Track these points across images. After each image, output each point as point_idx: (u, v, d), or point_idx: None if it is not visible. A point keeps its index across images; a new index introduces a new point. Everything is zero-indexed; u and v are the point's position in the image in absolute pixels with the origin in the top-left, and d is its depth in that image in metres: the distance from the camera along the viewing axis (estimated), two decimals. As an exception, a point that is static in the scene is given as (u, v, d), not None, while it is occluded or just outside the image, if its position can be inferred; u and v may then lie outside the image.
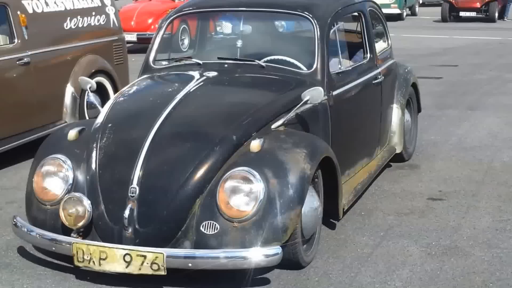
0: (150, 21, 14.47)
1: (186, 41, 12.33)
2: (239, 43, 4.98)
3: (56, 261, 3.95)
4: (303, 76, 4.55)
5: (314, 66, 4.54)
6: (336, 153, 4.15)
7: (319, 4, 4.92)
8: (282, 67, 4.64)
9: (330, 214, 4.29)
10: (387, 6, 20.32)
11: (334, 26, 4.82)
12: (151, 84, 4.76)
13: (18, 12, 6.08)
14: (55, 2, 6.58)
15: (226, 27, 5.61)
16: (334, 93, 4.59)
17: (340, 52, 4.85)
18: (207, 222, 3.60)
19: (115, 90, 7.07)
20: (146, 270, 3.52)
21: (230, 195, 3.61)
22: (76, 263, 3.62)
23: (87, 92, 6.63)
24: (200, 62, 4.77)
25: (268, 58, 4.71)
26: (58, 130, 4.49)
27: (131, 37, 13.36)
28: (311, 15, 4.67)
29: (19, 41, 6.05)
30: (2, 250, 4.21)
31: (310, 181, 3.78)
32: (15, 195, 5.22)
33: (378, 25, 5.91)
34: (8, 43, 6.04)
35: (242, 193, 3.61)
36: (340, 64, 4.82)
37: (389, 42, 6.04)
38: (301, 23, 5.07)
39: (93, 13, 7.02)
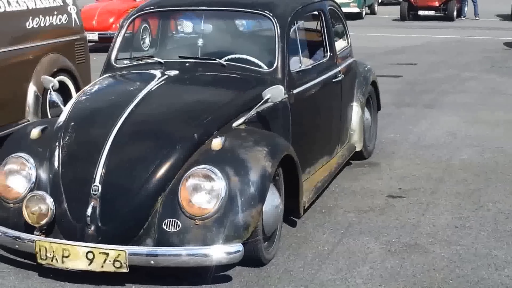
0: (111, 20, 14.41)
1: (147, 40, 12.30)
2: (200, 42, 5.02)
3: (19, 259, 3.95)
4: (263, 75, 4.61)
5: (275, 65, 4.61)
6: (296, 151, 4.23)
7: (279, 3, 4.99)
8: (243, 65, 4.70)
9: (291, 212, 4.36)
10: (347, 5, 20.55)
11: (294, 24, 4.89)
12: (113, 83, 4.78)
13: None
14: (17, 1, 6.52)
15: (187, 26, 5.64)
16: (295, 91, 4.66)
17: (300, 50, 4.93)
18: (169, 219, 3.65)
19: (77, 89, 7.04)
20: (109, 268, 3.55)
21: (191, 193, 3.66)
22: (39, 260, 3.64)
23: (49, 91, 6.65)
24: (162, 61, 4.80)
25: (229, 57, 4.76)
26: (21, 128, 4.48)
27: (92, 36, 13.29)
28: (271, 14, 4.74)
29: (-19, 40, 6.00)
30: (-37, 249, 4.19)
31: (271, 179, 3.85)
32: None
33: (338, 24, 6.01)
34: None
35: (204, 191, 3.67)
36: (300, 62, 4.90)
37: (349, 40, 6.15)
38: (261, 22, 5.14)
39: (55, 13, 6.99)
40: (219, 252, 3.56)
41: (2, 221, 3.89)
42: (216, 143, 3.83)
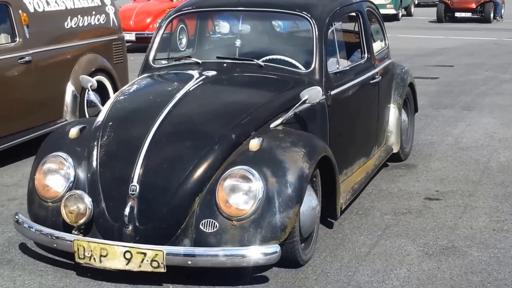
0: (148, 20, 14.51)
1: (184, 41, 12.39)
2: (238, 42, 5.01)
3: (57, 258, 3.99)
4: (301, 76, 4.59)
5: (312, 66, 4.59)
6: (334, 153, 4.20)
7: (317, 4, 4.96)
8: (280, 66, 4.69)
9: (328, 213, 4.34)
10: (383, 6, 20.39)
11: (332, 26, 4.86)
12: (151, 83, 4.80)
13: (20, 11, 6.11)
14: (56, 2, 6.61)
15: (224, 26, 5.65)
16: (332, 92, 4.63)
17: (338, 51, 4.90)
18: (206, 220, 3.65)
19: (115, 88, 7.11)
20: (146, 267, 3.57)
21: (229, 194, 3.66)
22: (77, 259, 3.66)
23: (87, 90, 6.72)
24: (199, 61, 4.81)
25: (267, 57, 4.76)
26: (60, 128, 4.52)
27: (129, 36, 13.41)
28: (309, 15, 4.72)
29: (21, 40, 6.09)
30: (4, 246, 4.25)
31: (309, 180, 3.83)
32: (16, 192, 5.27)
33: (376, 25, 5.96)
34: (9, 41, 6.07)
35: (241, 192, 3.66)
36: (338, 63, 4.87)
37: (387, 42, 6.09)
38: (299, 23, 5.13)
39: (93, 13, 7.06)
40: (256, 253, 3.55)
41: (41, 220, 3.94)
42: (254, 144, 3.82)
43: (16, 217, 4.00)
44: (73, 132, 4.15)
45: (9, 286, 3.73)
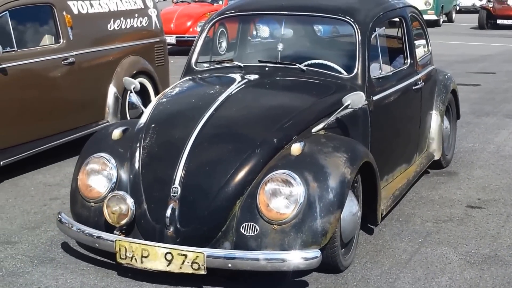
0: (189, 23, 14.62)
1: (224, 44, 12.45)
2: (280, 46, 4.99)
3: (98, 258, 4.04)
4: (343, 81, 4.57)
5: (355, 71, 4.56)
6: (375, 158, 4.16)
7: (360, 8, 4.93)
8: (322, 71, 4.67)
9: (368, 219, 4.31)
10: (424, 12, 20.17)
11: (375, 31, 4.83)
12: (193, 86, 4.82)
13: (64, 13, 6.21)
14: (99, 4, 6.70)
15: (267, 30, 5.66)
16: (374, 98, 4.60)
17: (380, 57, 4.87)
18: (247, 223, 3.65)
19: (156, 91, 7.18)
20: (187, 269, 3.58)
21: (270, 198, 3.65)
22: (118, 260, 3.70)
23: (129, 92, 6.80)
24: (241, 64, 4.82)
25: (309, 62, 4.74)
26: (103, 129, 4.57)
27: (170, 39, 13.51)
28: (352, 20, 4.69)
29: (65, 41, 6.18)
30: (47, 245, 4.32)
31: (350, 186, 3.80)
32: (59, 192, 5.35)
33: (419, 30, 5.90)
34: (53, 43, 6.17)
35: (282, 196, 3.65)
36: (380, 69, 4.83)
37: (430, 48, 6.03)
38: (342, 28, 5.11)
39: (136, 15, 7.14)
40: (296, 257, 3.53)
41: (83, 220, 3.98)
42: (296, 148, 3.81)
43: (59, 216, 4.06)
44: (116, 133, 4.19)
45: (51, 285, 3.79)
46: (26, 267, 4.00)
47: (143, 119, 4.25)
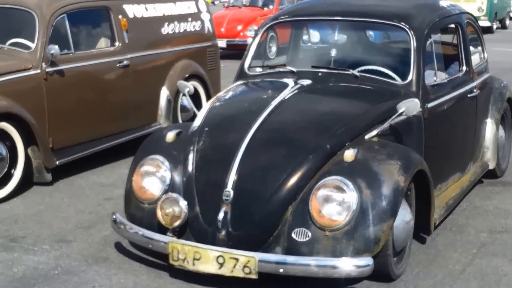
0: (239, 28, 14.69)
1: (274, 49, 12.47)
2: (333, 52, 4.99)
3: (151, 258, 4.09)
4: (397, 87, 4.52)
5: (409, 78, 4.51)
6: (428, 166, 4.10)
7: (416, 14, 4.87)
8: (376, 77, 4.64)
9: (420, 228, 4.25)
10: (477, 18, 19.75)
11: (430, 37, 4.77)
12: (246, 90, 4.85)
13: (120, 16, 6.32)
14: (154, 8, 6.80)
15: (320, 35, 5.65)
16: (429, 105, 4.54)
17: (435, 64, 4.80)
18: (298, 229, 3.64)
19: (207, 95, 7.24)
20: (238, 273, 3.60)
21: (322, 204, 3.64)
22: (170, 261, 3.74)
23: (181, 95, 6.88)
24: (294, 70, 4.82)
25: (362, 68, 4.72)
26: (157, 131, 4.63)
27: (221, 43, 13.51)
28: (407, 26, 4.64)
29: (120, 45, 6.30)
30: (101, 244, 4.40)
31: (404, 194, 3.76)
32: (112, 192, 5.44)
33: (474, 37, 5.80)
34: (109, 46, 6.29)
35: (335, 202, 3.63)
36: (435, 76, 4.77)
37: (485, 55, 5.92)
38: (397, 34, 5.05)
39: (189, 19, 7.21)
40: (348, 264, 3.51)
41: (137, 220, 4.04)
42: (349, 154, 3.79)
43: (114, 216, 4.12)
44: (170, 136, 4.24)
45: (105, 284, 3.85)
46: (81, 266, 4.08)
47: (196, 123, 4.29)
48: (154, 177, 4.06)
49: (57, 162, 5.60)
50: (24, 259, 4.16)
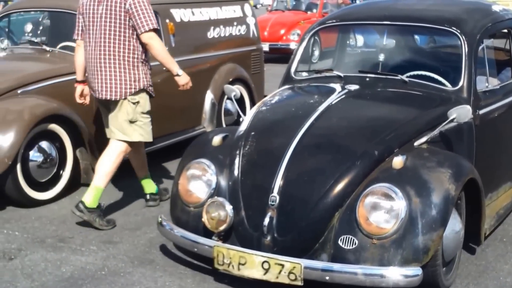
0: (282, 31, 14.70)
1: (317, 53, 12.40)
2: (381, 57, 4.92)
3: (195, 262, 4.09)
4: (448, 93, 4.44)
5: (460, 84, 4.42)
6: (479, 175, 4.01)
7: (467, 19, 4.78)
8: (426, 83, 4.55)
9: (470, 238, 4.16)
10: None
11: (482, 42, 4.66)
12: (293, 95, 4.82)
13: (167, 21, 6.37)
14: (200, 12, 6.83)
15: (367, 40, 5.59)
16: (480, 112, 4.44)
17: (487, 69, 4.69)
18: (345, 236, 3.60)
19: (251, 98, 7.24)
20: (283, 279, 3.57)
21: (370, 211, 3.58)
22: (215, 265, 3.73)
23: (225, 99, 6.90)
24: (341, 74, 4.77)
25: (411, 73, 4.63)
26: (203, 135, 4.64)
27: (263, 47, 13.60)
28: (459, 31, 4.55)
29: (167, 48, 6.31)
30: (146, 247, 4.42)
31: (454, 203, 3.68)
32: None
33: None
34: (155, 50, 6.33)
35: (383, 210, 3.57)
36: (487, 82, 4.66)
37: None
38: (448, 39, 4.97)
39: (235, 23, 7.23)
40: (396, 274, 3.45)
41: (182, 224, 4.04)
42: (397, 161, 3.73)
43: (160, 219, 4.14)
44: (216, 140, 4.24)
45: (151, 286, 3.87)
46: (127, 267, 4.11)
47: (243, 127, 4.28)
48: (200, 181, 4.06)
49: (104, 165, 5.65)
50: (72, 259, 4.21)
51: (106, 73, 4.66)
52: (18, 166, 5.07)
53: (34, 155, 5.22)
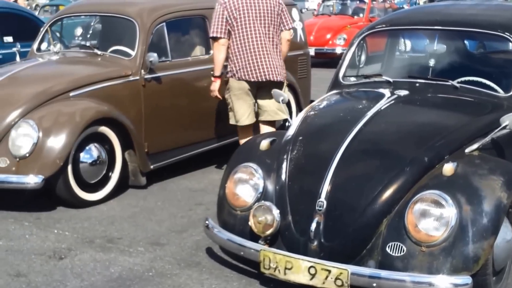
0: (328, 36, 14.65)
1: (363, 57, 12.30)
2: (431, 62, 4.85)
3: (241, 265, 4.10)
4: (500, 100, 4.36)
5: (513, 90, 4.34)
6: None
7: (521, 24, 4.69)
8: (477, 89, 4.49)
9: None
10: None
11: (536, 48, 4.57)
12: (341, 100, 4.80)
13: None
14: (248, 16, 6.84)
15: (417, 45, 5.53)
16: (534, 119, 4.34)
17: (540, 76, 4.59)
18: (393, 243, 3.56)
19: (298, 103, 7.21)
20: (330, 285, 3.55)
21: (419, 218, 3.54)
22: (262, 269, 3.73)
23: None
24: (391, 80, 4.74)
25: (462, 79, 4.57)
26: (251, 139, 4.66)
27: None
28: (512, 36, 4.47)
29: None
30: (193, 249, 4.45)
31: (506, 211, 3.61)
32: (203, 198, 5.51)
33: None
34: (204, 54, 6.40)
35: (432, 217, 3.53)
36: (540, 88, 4.56)
37: None
38: (500, 44, 4.88)
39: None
40: (446, 282, 3.40)
41: (229, 227, 4.05)
42: (448, 168, 3.67)
43: (207, 222, 4.16)
44: (264, 144, 4.25)
45: (197, 288, 3.90)
46: (174, 269, 4.14)
47: (290, 131, 4.28)
48: (247, 185, 4.07)
49: (152, 167, 5.75)
50: (120, 260, 4.27)
51: (272, 59, 5.57)
52: (69, 168, 5.17)
53: (85, 157, 5.32)
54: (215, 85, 5.76)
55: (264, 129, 5.71)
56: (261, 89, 5.65)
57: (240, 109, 5.67)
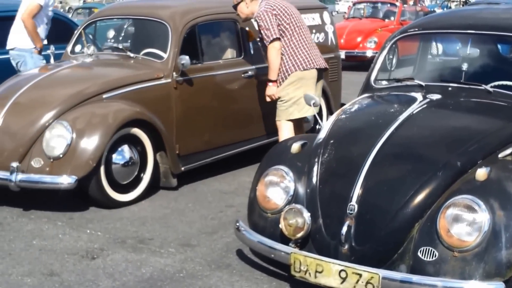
0: (359, 39, 14.60)
1: (394, 60, 12.23)
2: (464, 66, 4.81)
3: (271, 268, 4.11)
4: (534, 105, 4.31)
5: (547, 95, 4.29)
6: None
7: (557, 28, 4.64)
8: (510, 93, 4.44)
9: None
10: None
11: None
12: (373, 104, 4.79)
13: (247, 28, 6.44)
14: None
15: (449, 49, 5.49)
16: None
17: None
18: (425, 248, 3.54)
19: (328, 106, 7.21)
20: (360, 289, 3.55)
21: (451, 223, 3.52)
22: (292, 272, 3.74)
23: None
24: (423, 84, 4.71)
25: (496, 83, 4.53)
26: (282, 142, 4.67)
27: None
28: (546, 41, 4.43)
29: (246, 56, 6.41)
30: (223, 251, 4.48)
31: (539, 218, 3.57)
32: (233, 200, 5.54)
33: None
34: (235, 56, 6.43)
35: (465, 222, 3.50)
36: None
37: None
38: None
39: (314, 31, 7.22)
40: (478, 287, 3.38)
41: (260, 229, 4.07)
42: (481, 173, 3.64)
43: (237, 224, 4.18)
44: (295, 147, 4.25)
45: (228, 290, 3.93)
46: (204, 270, 4.17)
47: (322, 134, 4.28)
48: (278, 187, 4.08)
49: (183, 168, 5.79)
50: (152, 260, 4.31)
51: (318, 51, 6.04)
52: (102, 168, 5.24)
53: (117, 158, 5.39)
54: (273, 89, 5.85)
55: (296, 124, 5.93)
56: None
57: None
